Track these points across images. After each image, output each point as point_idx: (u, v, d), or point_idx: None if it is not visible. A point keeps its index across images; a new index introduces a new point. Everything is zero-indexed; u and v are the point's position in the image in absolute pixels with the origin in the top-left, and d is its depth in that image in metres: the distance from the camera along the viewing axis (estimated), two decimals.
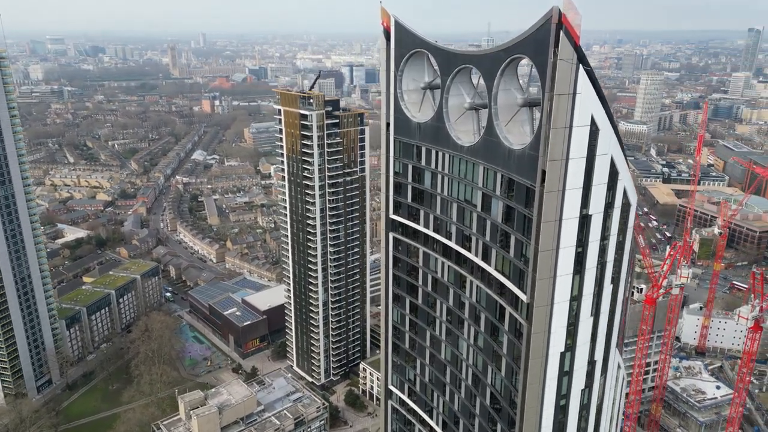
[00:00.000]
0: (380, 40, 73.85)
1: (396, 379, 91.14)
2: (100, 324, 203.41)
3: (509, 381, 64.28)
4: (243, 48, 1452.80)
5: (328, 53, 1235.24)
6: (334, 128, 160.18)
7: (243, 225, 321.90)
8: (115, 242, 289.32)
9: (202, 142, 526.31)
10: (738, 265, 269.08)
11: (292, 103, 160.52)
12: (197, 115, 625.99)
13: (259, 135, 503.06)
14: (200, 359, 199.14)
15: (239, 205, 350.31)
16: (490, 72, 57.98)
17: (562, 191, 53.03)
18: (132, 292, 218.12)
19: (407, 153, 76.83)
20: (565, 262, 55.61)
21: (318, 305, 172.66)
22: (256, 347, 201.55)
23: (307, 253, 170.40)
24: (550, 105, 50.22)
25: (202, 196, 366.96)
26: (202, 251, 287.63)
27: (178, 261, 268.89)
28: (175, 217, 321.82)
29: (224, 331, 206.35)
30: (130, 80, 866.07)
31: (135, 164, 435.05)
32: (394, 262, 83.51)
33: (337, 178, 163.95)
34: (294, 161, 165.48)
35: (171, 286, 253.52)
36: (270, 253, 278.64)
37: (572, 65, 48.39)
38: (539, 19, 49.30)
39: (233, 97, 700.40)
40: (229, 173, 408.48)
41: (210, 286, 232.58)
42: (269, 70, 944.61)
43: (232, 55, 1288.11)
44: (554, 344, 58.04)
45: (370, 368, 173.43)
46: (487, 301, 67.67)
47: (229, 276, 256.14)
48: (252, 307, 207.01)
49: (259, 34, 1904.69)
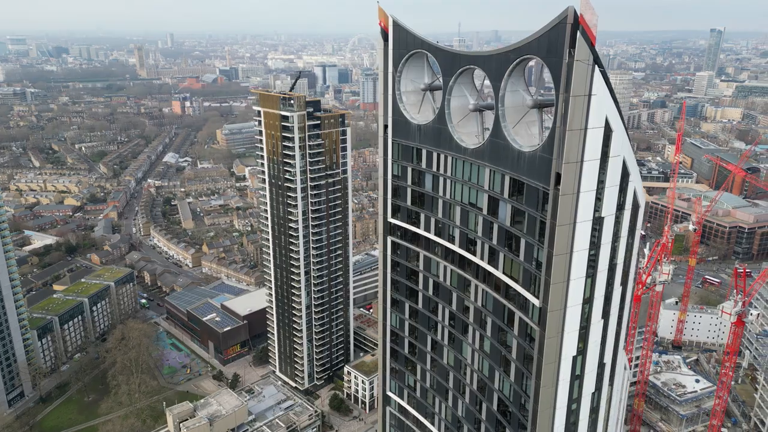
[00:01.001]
0: (377, 41, 72.22)
1: (394, 385, 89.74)
2: (74, 333, 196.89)
3: (519, 386, 63.56)
4: (212, 48, 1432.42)
5: (299, 53, 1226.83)
6: (316, 129, 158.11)
7: (219, 228, 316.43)
8: (86, 248, 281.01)
9: (173, 144, 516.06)
10: (709, 260, 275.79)
11: (273, 105, 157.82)
12: (167, 116, 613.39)
13: (232, 136, 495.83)
14: (179, 367, 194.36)
15: (214, 208, 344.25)
16: (497, 73, 57.13)
17: (576, 194, 52.47)
18: (106, 300, 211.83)
19: (406, 155, 75.56)
20: (578, 266, 55.17)
21: (301, 309, 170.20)
22: (236, 353, 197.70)
23: (290, 257, 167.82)
24: (566, 106, 49.61)
25: (175, 199, 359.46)
26: (177, 256, 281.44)
27: (152, 266, 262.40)
28: (149, 222, 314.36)
29: (203, 337, 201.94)
30: (96, 81, 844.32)
31: (104, 168, 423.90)
32: (393, 266, 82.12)
33: (319, 180, 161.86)
34: (275, 163, 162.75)
35: (146, 292, 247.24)
36: (248, 257, 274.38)
37: (588, 66, 47.81)
38: (553, 20, 48.56)
39: (204, 98, 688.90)
40: (203, 176, 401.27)
41: (187, 292, 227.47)
42: (240, 71, 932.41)
43: (201, 55, 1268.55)
44: (567, 348, 57.59)
45: (354, 371, 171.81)
46: (494, 305, 66.85)
47: (206, 281, 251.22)
48: (232, 312, 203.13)
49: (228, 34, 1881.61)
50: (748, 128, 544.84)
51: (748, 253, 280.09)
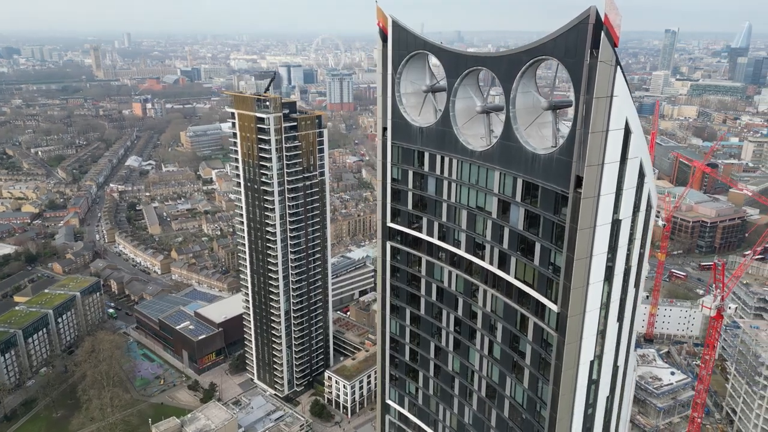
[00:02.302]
0: (377, 42, 70.20)
1: (394, 393, 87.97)
2: (39, 347, 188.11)
3: (533, 392, 62.71)
4: (172, 48, 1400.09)
5: (262, 54, 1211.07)
6: (293, 131, 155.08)
7: (187, 233, 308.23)
8: (47, 257, 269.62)
9: (135, 147, 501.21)
10: (674, 254, 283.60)
11: (247, 106, 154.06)
12: (128, 118, 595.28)
13: (197, 138, 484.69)
14: (152, 378, 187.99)
15: (181, 212, 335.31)
16: (508, 74, 56.03)
17: (597, 197, 51.81)
18: (72, 311, 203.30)
19: (407, 158, 73.88)
20: (597, 269, 54.51)
21: (279, 315, 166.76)
22: (212, 361, 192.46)
23: (267, 261, 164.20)
24: (587, 108, 48.76)
25: (140, 204, 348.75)
26: (145, 263, 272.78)
27: (119, 274, 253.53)
28: (113, 228, 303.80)
29: (177, 346, 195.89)
30: (51, 83, 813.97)
31: (62, 172, 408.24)
32: (392, 271, 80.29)
33: (296, 183, 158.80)
34: (250, 166, 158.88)
35: (113, 301, 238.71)
36: (219, 262, 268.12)
37: (611, 67, 47.22)
38: (572, 20, 47.68)
39: (166, 99, 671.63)
40: (168, 179, 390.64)
41: (158, 300, 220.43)
42: (203, 71, 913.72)
43: (160, 55, 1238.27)
44: (585, 353, 56.97)
45: (336, 376, 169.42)
46: (506, 310, 65.83)
47: (176, 288, 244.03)
48: (206, 319, 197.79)
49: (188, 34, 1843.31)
50: (704, 125, 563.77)
51: (710, 247, 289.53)
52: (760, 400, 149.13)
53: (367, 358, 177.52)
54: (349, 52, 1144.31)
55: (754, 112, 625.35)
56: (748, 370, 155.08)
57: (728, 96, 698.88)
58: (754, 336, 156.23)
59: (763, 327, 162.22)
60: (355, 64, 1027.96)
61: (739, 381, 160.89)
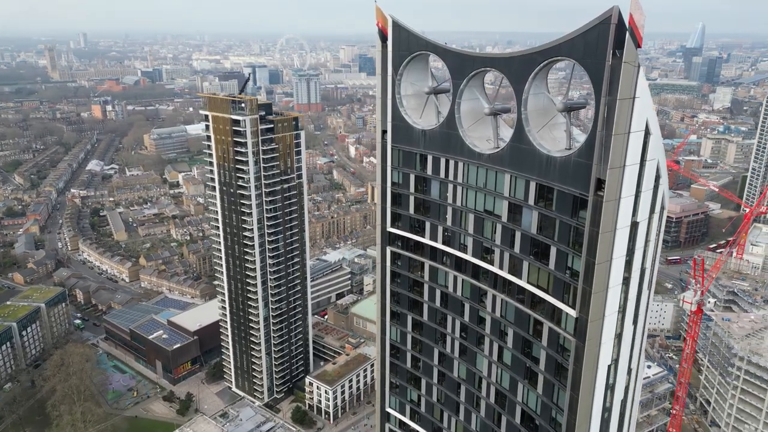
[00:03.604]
0: (377, 43, 68.36)
1: (394, 401, 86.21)
2: (2, 361, 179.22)
3: (548, 398, 61.91)
4: (131, 48, 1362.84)
5: (225, 54, 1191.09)
6: (269, 134, 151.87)
7: (155, 239, 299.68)
8: (7, 267, 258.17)
9: (96, 150, 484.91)
10: None
11: (222, 108, 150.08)
12: (87, 121, 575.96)
13: (161, 141, 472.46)
14: (125, 390, 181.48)
15: (148, 217, 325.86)
16: (520, 75, 55.09)
17: (618, 200, 51.31)
18: (37, 323, 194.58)
19: (409, 162, 72.29)
20: (616, 273, 54.04)
21: (258, 321, 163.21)
22: (187, 371, 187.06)
23: (245, 267, 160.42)
24: (609, 110, 48.02)
25: (104, 210, 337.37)
26: (111, 271, 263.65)
27: (85, 283, 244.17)
28: (76, 235, 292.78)
29: (150, 356, 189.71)
30: (3, 85, 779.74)
31: (20, 178, 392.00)
32: (392, 277, 78.53)
33: (274, 186, 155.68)
34: (226, 170, 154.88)
35: (80, 312, 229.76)
36: (190, 268, 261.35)
37: (635, 68, 46.73)
38: (593, 20, 46.97)
39: (127, 101, 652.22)
40: (133, 183, 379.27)
41: (128, 309, 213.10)
42: (164, 72, 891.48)
43: (119, 56, 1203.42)
44: (603, 357, 56.47)
45: (317, 382, 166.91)
46: (517, 315, 64.90)
47: (146, 296, 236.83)
48: (180, 328, 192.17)
49: (147, 34, 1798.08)
50: (663, 123, 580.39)
51: (676, 242, 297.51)
52: (734, 390, 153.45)
53: (347, 362, 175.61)
54: (314, 52, 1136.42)
55: (710, 110, 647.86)
56: (721, 362, 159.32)
57: (685, 95, 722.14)
58: (726, 328, 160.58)
59: (734, 319, 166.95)
60: (320, 64, 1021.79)
61: (712, 372, 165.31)
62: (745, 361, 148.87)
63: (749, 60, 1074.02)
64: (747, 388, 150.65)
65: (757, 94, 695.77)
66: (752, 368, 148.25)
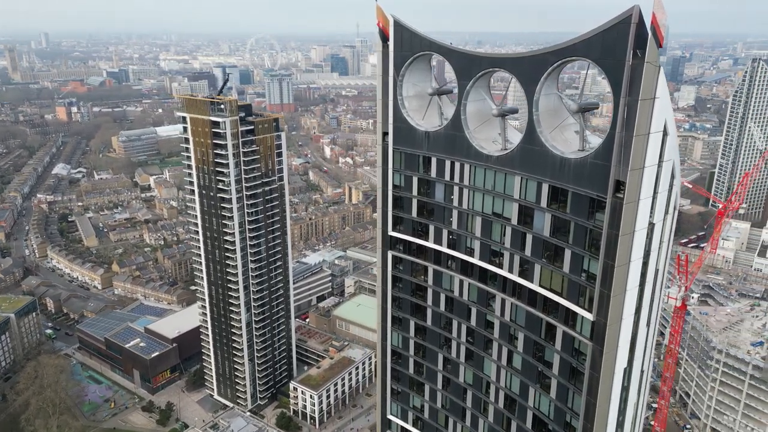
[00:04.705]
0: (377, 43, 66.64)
1: (396, 408, 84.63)
2: None
3: (562, 402, 61.22)
4: (95, 49, 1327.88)
5: (194, 54, 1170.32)
6: (250, 135, 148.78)
7: (128, 244, 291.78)
8: None
9: (62, 154, 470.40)
10: None
11: (201, 110, 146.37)
12: (52, 123, 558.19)
13: (130, 143, 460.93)
14: (101, 402, 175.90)
15: (119, 222, 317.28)
16: (531, 76, 54.28)
17: (637, 201, 50.83)
18: (6, 334, 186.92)
19: (411, 164, 70.86)
20: (633, 275, 53.68)
21: (241, 327, 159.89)
22: (166, 379, 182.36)
23: (226, 272, 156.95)
24: (630, 111, 47.45)
25: (73, 215, 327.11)
26: (83, 278, 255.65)
27: (55, 292, 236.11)
28: (44, 242, 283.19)
29: (127, 366, 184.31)
30: None
31: None
32: (393, 281, 77.00)
33: (255, 189, 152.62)
34: (205, 173, 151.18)
35: (51, 321, 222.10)
36: (165, 274, 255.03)
37: (656, 68, 46.25)
38: (612, 19, 46.32)
39: (93, 102, 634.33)
40: (102, 187, 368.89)
41: (102, 317, 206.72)
42: (131, 73, 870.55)
43: (83, 56, 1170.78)
44: (619, 361, 56.09)
45: (301, 387, 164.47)
46: (528, 319, 64.06)
47: (121, 303, 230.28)
48: (158, 335, 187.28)
49: (111, 34, 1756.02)
50: None
51: None
52: (713, 383, 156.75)
53: (332, 366, 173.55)
54: (285, 52, 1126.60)
55: (675, 108, 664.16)
56: (700, 355, 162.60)
57: None
58: (704, 322, 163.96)
59: (711, 313, 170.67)
60: (291, 64, 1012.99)
61: (691, 365, 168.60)
62: (723, 353, 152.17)
63: (710, 59, 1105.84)
64: (725, 380, 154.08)
65: (720, 92, 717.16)
66: (730, 360, 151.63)
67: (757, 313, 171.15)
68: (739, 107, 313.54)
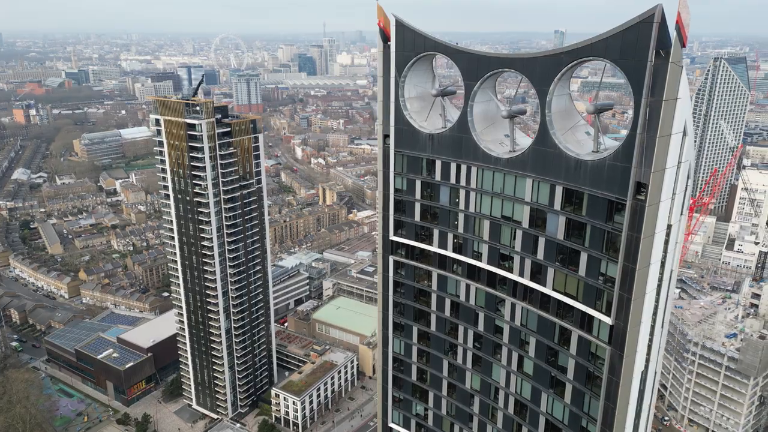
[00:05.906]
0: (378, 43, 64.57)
1: (398, 416, 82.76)
2: None
3: (577, 407, 60.33)
4: (52, 49, 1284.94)
5: (156, 54, 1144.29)
6: (227, 137, 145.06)
7: (94, 251, 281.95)
8: None
9: (21, 158, 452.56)
10: None
11: (175, 112, 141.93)
12: (9, 126, 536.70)
13: (93, 146, 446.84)
14: (74, 416, 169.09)
15: (85, 228, 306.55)
16: (544, 76, 53.25)
17: (658, 204, 50.20)
18: None
19: (414, 167, 69.11)
20: (652, 278, 53.12)
21: (220, 334, 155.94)
22: (142, 390, 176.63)
23: (204, 278, 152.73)
24: (653, 112, 46.69)
25: (35, 221, 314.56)
26: (48, 287, 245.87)
27: (20, 302, 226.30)
28: (6, 250, 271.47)
29: (99, 378, 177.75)
30: None
31: None
32: (395, 287, 75.13)
33: (233, 192, 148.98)
34: (181, 176, 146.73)
35: (16, 333, 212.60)
36: (136, 281, 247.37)
37: (680, 68, 45.61)
38: (632, 19, 45.50)
39: (52, 104, 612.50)
40: (66, 193, 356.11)
41: (71, 328, 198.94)
42: (91, 73, 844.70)
43: (39, 57, 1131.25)
44: (638, 364, 55.55)
45: (283, 393, 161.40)
46: (540, 323, 63.06)
47: (90, 313, 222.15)
48: (131, 345, 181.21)
49: (68, 33, 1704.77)
50: None
51: None
52: (689, 375, 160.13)
53: (314, 371, 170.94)
54: (251, 51, 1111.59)
55: None
56: (676, 348, 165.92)
57: (614, 92, 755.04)
58: (680, 315, 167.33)
59: (686, 306, 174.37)
60: (258, 64, 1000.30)
61: (668, 358, 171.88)
62: (699, 346, 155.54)
63: None
64: (702, 372, 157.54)
65: None
66: (706, 353, 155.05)
67: (729, 305, 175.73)
68: (702, 105, 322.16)
